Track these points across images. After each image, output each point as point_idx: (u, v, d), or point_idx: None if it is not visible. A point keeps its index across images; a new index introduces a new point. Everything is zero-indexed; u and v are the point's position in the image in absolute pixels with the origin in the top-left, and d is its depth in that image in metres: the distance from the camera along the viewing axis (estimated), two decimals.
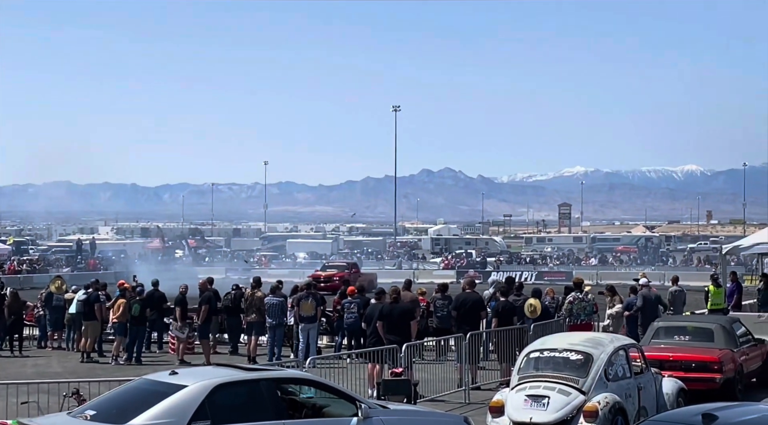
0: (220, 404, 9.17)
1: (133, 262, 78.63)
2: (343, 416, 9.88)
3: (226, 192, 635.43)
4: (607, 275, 56.06)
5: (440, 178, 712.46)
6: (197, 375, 9.94)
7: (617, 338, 13.65)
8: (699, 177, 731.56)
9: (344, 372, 15.63)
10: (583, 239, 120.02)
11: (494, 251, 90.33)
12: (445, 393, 16.36)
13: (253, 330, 21.47)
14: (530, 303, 19.73)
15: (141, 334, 22.20)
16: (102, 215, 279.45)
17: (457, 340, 17.34)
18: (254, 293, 21.73)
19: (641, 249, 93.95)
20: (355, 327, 20.73)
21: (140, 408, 8.94)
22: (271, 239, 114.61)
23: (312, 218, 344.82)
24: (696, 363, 15.57)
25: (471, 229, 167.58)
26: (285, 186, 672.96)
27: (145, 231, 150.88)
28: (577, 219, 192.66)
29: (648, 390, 12.90)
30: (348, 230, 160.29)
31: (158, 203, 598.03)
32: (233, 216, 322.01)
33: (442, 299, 21.02)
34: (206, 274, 52.20)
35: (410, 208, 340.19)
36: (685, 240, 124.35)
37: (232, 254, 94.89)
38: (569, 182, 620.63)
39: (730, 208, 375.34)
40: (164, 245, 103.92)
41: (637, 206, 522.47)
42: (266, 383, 9.68)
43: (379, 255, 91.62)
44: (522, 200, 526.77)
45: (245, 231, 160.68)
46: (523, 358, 12.79)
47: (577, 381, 11.98)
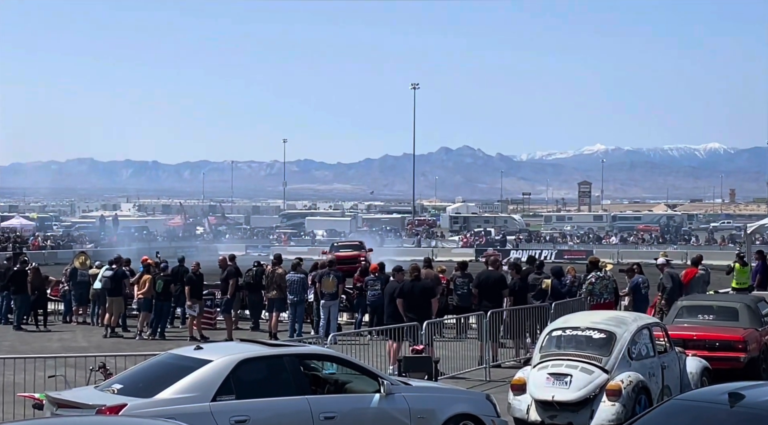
0: (245, 379, 9.23)
1: (155, 238, 79.25)
2: (365, 392, 9.92)
3: (246, 170, 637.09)
4: (628, 253, 55.94)
5: (459, 156, 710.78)
6: (222, 350, 10.01)
7: (640, 316, 13.59)
8: (722, 155, 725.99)
9: (365, 348, 15.69)
10: (603, 217, 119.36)
11: (513, 230, 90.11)
12: (466, 370, 16.39)
13: (274, 307, 21.57)
14: (545, 282, 19.85)
15: (165, 310, 22.36)
16: (124, 192, 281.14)
17: (478, 318, 17.34)
18: (275, 270, 21.80)
19: (663, 228, 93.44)
20: (377, 303, 20.77)
21: (166, 382, 9.01)
22: (290, 217, 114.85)
23: (330, 196, 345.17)
24: (720, 342, 15.48)
25: (490, 207, 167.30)
26: (304, 164, 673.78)
27: (166, 208, 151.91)
28: (597, 198, 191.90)
29: (672, 369, 12.85)
30: (366, 208, 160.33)
31: (179, 180, 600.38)
32: (252, 194, 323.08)
33: (461, 277, 21.02)
34: (227, 251, 52.72)
35: (428, 186, 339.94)
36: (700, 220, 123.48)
37: (252, 232, 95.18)
38: (589, 160, 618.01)
39: (754, 186, 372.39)
40: (185, 221, 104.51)
41: (658, 184, 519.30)
42: (290, 358, 9.72)
43: (397, 233, 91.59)
44: (541, 178, 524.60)
45: (264, 209, 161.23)
46: (545, 336, 12.76)
47: (600, 360, 11.94)
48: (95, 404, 8.65)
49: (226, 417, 8.86)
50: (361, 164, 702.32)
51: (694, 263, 23.46)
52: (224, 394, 9.00)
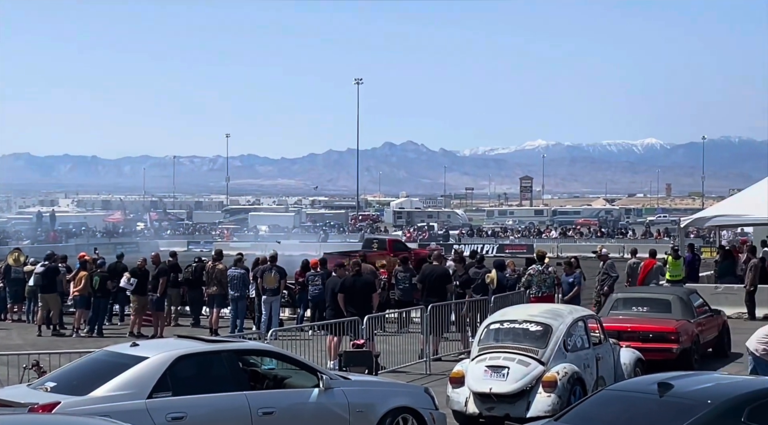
0: (182, 375, 9.18)
1: (95, 234, 78.10)
2: (304, 387, 9.93)
3: (188, 165, 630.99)
4: (567, 247, 56.67)
5: (402, 151, 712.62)
6: (158, 346, 9.94)
7: (576, 309, 13.81)
8: (659, 151, 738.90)
9: (306, 344, 15.70)
10: (544, 212, 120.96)
11: (456, 224, 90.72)
12: (407, 364, 16.48)
13: (215, 303, 21.44)
14: (489, 276, 20.06)
15: (102, 307, 22.07)
16: (62, 188, 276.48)
17: (420, 312, 17.45)
18: (215, 266, 21.68)
19: (601, 222, 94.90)
20: (319, 299, 20.76)
21: (101, 380, 8.91)
22: (233, 212, 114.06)
23: (274, 191, 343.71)
24: (653, 334, 15.82)
25: (433, 202, 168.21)
26: (247, 159, 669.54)
27: (106, 204, 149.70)
28: (538, 192, 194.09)
29: (606, 360, 13.08)
30: (310, 203, 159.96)
31: (119, 175, 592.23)
32: (195, 189, 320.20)
33: (403, 271, 21.12)
34: (168, 247, 52.20)
35: (372, 181, 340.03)
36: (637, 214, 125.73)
37: (194, 227, 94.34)
38: (531, 156, 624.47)
39: (690, 181, 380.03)
40: (125, 217, 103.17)
41: (597, 179, 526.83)
42: (227, 354, 9.69)
43: (341, 228, 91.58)
44: (484, 173, 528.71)
45: (207, 204, 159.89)
46: (484, 329, 12.90)
47: (537, 352, 12.12)
48: (27, 402, 8.53)
49: (162, 414, 8.80)
50: (305, 159, 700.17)
51: (652, 255, 23.96)
52: (161, 391, 8.94)
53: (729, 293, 23.68)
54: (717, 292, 23.46)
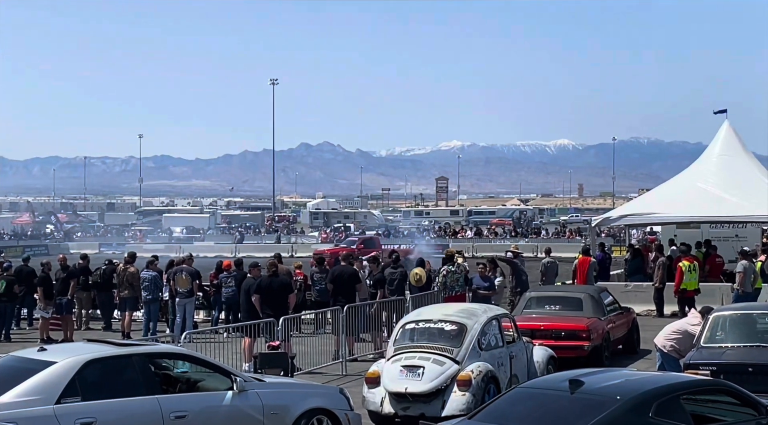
0: (91, 380, 9.00)
1: (1, 237, 75.90)
2: (218, 389, 9.82)
3: (100, 166, 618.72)
4: (482, 247, 57.33)
5: (319, 152, 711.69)
6: (67, 351, 9.71)
7: (490, 308, 13.95)
8: (571, 151, 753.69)
9: (221, 346, 15.52)
10: (459, 212, 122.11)
11: (373, 225, 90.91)
12: (323, 365, 16.45)
13: (127, 306, 21.06)
14: (415, 272, 20.12)
15: (9, 311, 21.46)
16: None
17: (334, 313, 17.43)
18: (127, 268, 21.29)
19: (515, 222, 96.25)
20: (233, 300, 20.56)
21: (7, 386, 8.69)
22: (147, 214, 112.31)
23: (189, 193, 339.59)
24: (565, 332, 16.09)
25: (350, 203, 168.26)
26: (161, 160, 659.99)
27: (14, 206, 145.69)
28: (454, 193, 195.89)
29: (519, 359, 13.26)
30: (226, 205, 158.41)
31: (27, 176, 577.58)
32: (107, 190, 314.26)
33: (319, 272, 21.07)
34: (79, 249, 51.05)
35: (289, 182, 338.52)
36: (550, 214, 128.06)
37: (106, 229, 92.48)
38: (446, 156, 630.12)
39: (601, 181, 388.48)
40: (34, 219, 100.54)
41: (512, 179, 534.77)
42: (138, 358, 9.53)
43: (257, 229, 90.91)
44: (400, 173, 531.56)
45: (120, 206, 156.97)
46: (399, 329, 12.94)
47: (452, 351, 12.20)
48: None
49: (71, 419, 8.61)
50: (220, 159, 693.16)
51: (585, 253, 24.29)
52: (69, 396, 8.74)
53: (638, 291, 24.24)
54: (627, 290, 24.01)
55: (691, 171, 28.62)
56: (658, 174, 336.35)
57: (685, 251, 23.53)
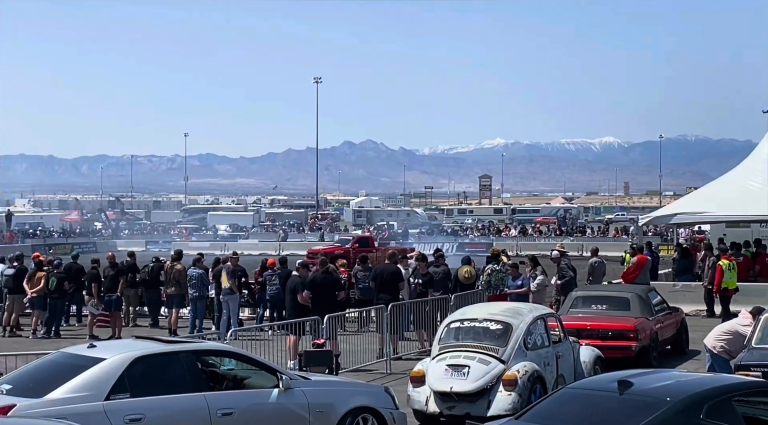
0: (140, 377, 9.06)
1: (51, 234, 77.13)
2: (264, 387, 9.85)
3: (146, 164, 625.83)
4: (526, 246, 56.97)
5: (362, 150, 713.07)
6: (116, 348, 9.80)
7: (536, 307, 13.84)
8: (617, 149, 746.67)
9: (266, 344, 15.59)
10: (503, 210, 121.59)
11: (416, 223, 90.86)
12: (367, 363, 16.44)
13: (174, 303, 21.24)
14: (466, 270, 20.04)
15: (59, 308, 21.77)
16: (18, 187, 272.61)
17: (378, 311, 17.43)
18: (174, 266, 21.47)
19: (560, 220, 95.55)
20: (277, 298, 20.66)
21: (58, 382, 8.77)
22: (192, 212, 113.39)
23: (233, 191, 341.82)
24: (613, 332, 15.92)
25: (392, 201, 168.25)
26: (206, 158, 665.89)
27: (63, 203, 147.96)
28: (497, 191, 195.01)
29: (566, 359, 13.13)
30: (270, 203, 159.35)
31: (76, 175, 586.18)
32: (153, 188, 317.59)
33: (363, 270, 21.06)
34: (126, 247, 51.65)
35: (332, 180, 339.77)
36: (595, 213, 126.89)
37: (153, 227, 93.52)
38: (490, 154, 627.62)
39: (647, 179, 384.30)
40: (83, 217, 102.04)
41: (556, 177, 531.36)
42: (186, 355, 9.58)
43: (301, 227, 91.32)
44: (443, 171, 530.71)
45: (165, 204, 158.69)
46: (444, 328, 12.89)
47: (497, 351, 12.12)
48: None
49: (120, 416, 8.68)
50: (264, 158, 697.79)
51: (641, 250, 23.98)
52: (118, 393, 8.81)
53: (687, 291, 23.94)
54: (675, 290, 23.72)
55: (740, 169, 28.20)
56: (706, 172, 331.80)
57: (724, 250, 23.19)
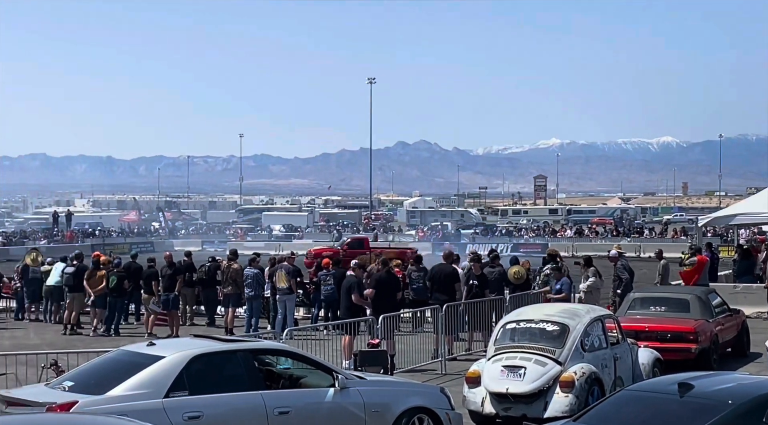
0: (198, 375, 9.15)
1: (110, 234, 78.44)
2: (320, 386, 9.88)
3: (202, 165, 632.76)
4: (582, 246, 56.40)
5: (415, 150, 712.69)
6: (175, 346, 9.92)
7: (593, 309, 13.71)
8: (675, 149, 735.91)
9: (321, 343, 15.66)
10: (558, 211, 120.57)
11: (470, 224, 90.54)
12: (422, 364, 16.42)
13: (230, 302, 21.45)
14: (516, 270, 19.91)
15: (119, 306, 22.12)
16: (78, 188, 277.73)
17: (434, 311, 17.39)
18: (230, 265, 21.68)
19: (617, 221, 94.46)
20: (332, 298, 20.74)
21: (118, 379, 8.90)
22: (247, 212, 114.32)
23: (287, 191, 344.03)
24: (672, 334, 15.69)
25: (446, 201, 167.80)
26: (260, 159, 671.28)
27: (121, 204, 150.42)
28: (552, 191, 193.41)
29: (624, 361, 12.98)
30: (324, 203, 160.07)
31: (134, 175, 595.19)
32: (209, 189, 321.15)
33: (417, 271, 21.03)
34: (182, 246, 52.33)
35: (386, 180, 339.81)
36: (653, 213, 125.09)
37: (208, 227, 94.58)
38: (545, 154, 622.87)
39: (706, 179, 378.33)
40: (140, 217, 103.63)
41: (612, 178, 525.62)
42: (243, 354, 9.66)
43: (354, 227, 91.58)
44: (497, 172, 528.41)
45: (221, 204, 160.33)
46: (500, 329, 12.82)
47: (554, 352, 12.03)
48: (45, 401, 8.53)
49: (179, 413, 8.78)
50: (318, 158, 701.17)
51: (700, 251, 23.62)
52: (177, 390, 8.91)
53: (748, 293, 23.52)
54: (736, 291, 23.30)
55: None
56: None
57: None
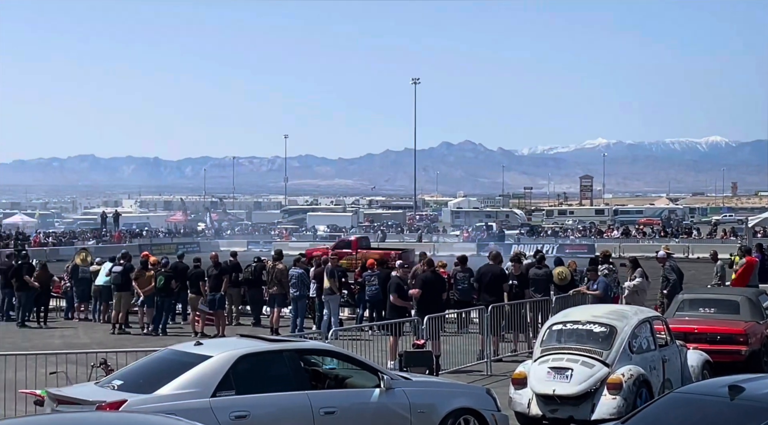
0: (245, 374, 9.20)
1: (157, 234, 79.34)
2: (365, 387, 9.89)
3: (247, 166, 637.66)
4: (629, 247, 55.82)
5: (460, 150, 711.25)
6: (222, 345, 9.99)
7: (641, 310, 13.56)
8: (724, 148, 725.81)
9: (366, 344, 15.68)
10: (605, 211, 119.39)
11: (515, 224, 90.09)
12: (467, 364, 16.38)
13: (275, 302, 21.56)
14: (560, 271, 19.76)
15: (167, 306, 22.34)
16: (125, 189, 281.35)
17: (479, 312, 17.33)
18: (276, 265, 21.79)
19: (665, 221, 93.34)
20: (376, 299, 20.76)
21: (166, 378, 8.99)
22: (292, 213, 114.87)
23: (332, 191, 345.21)
24: (721, 336, 15.45)
25: (491, 201, 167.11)
26: (305, 159, 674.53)
27: (167, 204, 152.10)
28: (599, 192, 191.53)
29: (673, 363, 12.83)
30: (368, 203, 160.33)
31: (180, 176, 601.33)
32: (254, 189, 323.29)
33: (462, 271, 20.98)
34: (228, 247, 52.75)
35: (430, 181, 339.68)
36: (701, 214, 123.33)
37: (254, 227, 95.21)
38: (591, 154, 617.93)
39: (756, 179, 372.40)
40: (187, 217, 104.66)
41: (660, 178, 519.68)
42: (289, 354, 9.70)
43: (399, 228, 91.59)
44: (542, 172, 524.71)
45: (266, 204, 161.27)
46: (546, 330, 12.74)
47: (601, 354, 11.92)
48: (95, 400, 8.63)
49: (226, 412, 8.84)
50: (362, 159, 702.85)
51: (749, 252, 23.27)
52: (224, 389, 8.97)
53: None
54: None
55: None
56: None
57: None
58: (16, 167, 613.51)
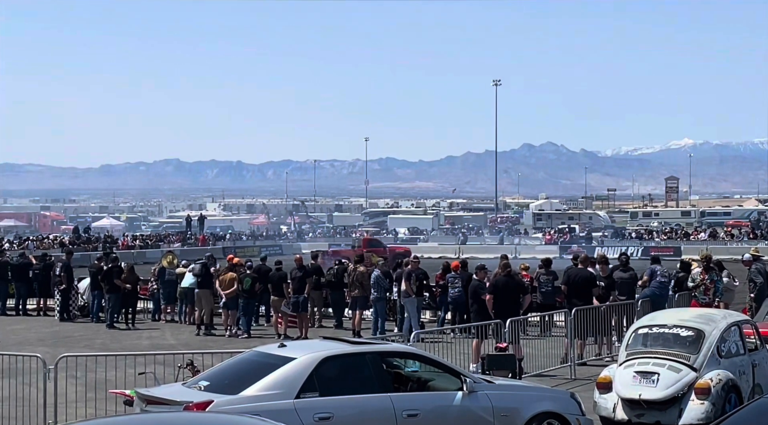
0: (328, 376, 9.30)
1: (240, 237, 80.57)
2: (448, 389, 9.88)
3: (328, 169, 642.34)
4: (717, 250, 54.38)
5: (542, 152, 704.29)
6: (305, 347, 10.09)
7: (730, 314, 13.25)
8: None
9: (448, 346, 15.64)
10: (691, 213, 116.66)
11: (598, 226, 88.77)
12: (551, 368, 16.22)
13: (357, 305, 21.66)
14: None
15: (251, 308, 22.63)
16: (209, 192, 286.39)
17: (565, 315, 17.14)
18: (357, 268, 21.90)
19: (753, 223, 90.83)
20: (459, 301, 20.69)
21: (251, 380, 9.12)
22: (373, 215, 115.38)
23: (412, 194, 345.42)
24: None
25: (574, 203, 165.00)
26: (386, 162, 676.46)
27: (250, 207, 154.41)
28: (685, 193, 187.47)
29: (763, 367, 12.49)
30: (449, 206, 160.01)
31: (263, 179, 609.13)
32: (335, 192, 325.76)
33: (545, 274, 20.77)
34: (310, 249, 53.25)
35: (511, 183, 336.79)
36: None
37: (335, 230, 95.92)
38: (676, 155, 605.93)
39: None
40: (269, 220, 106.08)
41: (749, 179, 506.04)
42: (372, 356, 9.75)
43: (480, 230, 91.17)
44: (627, 173, 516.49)
45: (347, 207, 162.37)
46: (632, 334, 12.54)
47: (688, 358, 11.69)
48: (183, 401, 8.81)
49: (309, 414, 8.93)
50: (443, 161, 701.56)
51: None
52: (308, 391, 9.07)
53: None
54: None
55: None
56: None
57: None
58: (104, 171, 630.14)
